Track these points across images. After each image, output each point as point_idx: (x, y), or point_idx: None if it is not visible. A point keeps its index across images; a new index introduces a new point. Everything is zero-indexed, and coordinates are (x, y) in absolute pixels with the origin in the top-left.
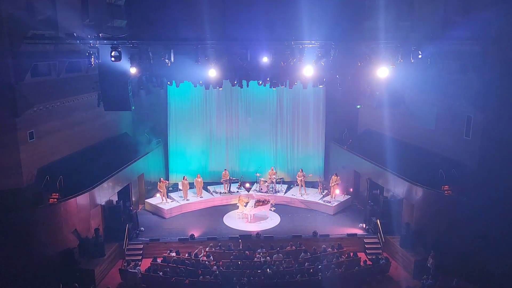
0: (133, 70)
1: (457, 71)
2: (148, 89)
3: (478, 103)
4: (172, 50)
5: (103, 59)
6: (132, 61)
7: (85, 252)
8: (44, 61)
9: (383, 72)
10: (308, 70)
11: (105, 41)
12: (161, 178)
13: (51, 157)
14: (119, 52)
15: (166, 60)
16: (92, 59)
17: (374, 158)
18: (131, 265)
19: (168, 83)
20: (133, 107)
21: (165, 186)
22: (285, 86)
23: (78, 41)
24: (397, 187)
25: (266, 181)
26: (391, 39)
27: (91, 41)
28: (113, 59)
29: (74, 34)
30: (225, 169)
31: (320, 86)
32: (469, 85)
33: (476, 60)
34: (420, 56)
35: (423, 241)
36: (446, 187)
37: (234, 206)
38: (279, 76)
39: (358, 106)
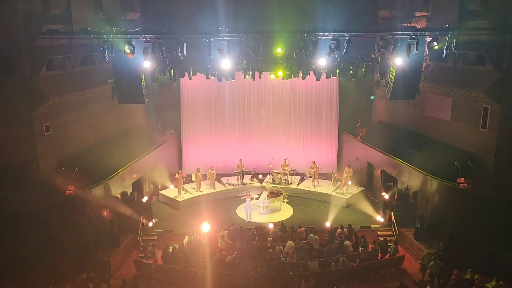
0: (146, 64)
1: (473, 61)
2: (161, 82)
3: (495, 94)
4: (184, 44)
5: (117, 52)
6: (145, 54)
7: (101, 243)
8: (59, 55)
9: (397, 62)
10: (321, 62)
11: (118, 35)
12: (180, 171)
13: (67, 149)
14: (133, 46)
15: (179, 54)
16: (106, 53)
17: (388, 150)
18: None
19: (181, 76)
20: (146, 100)
21: (182, 179)
22: (298, 78)
23: (92, 36)
24: (411, 179)
25: (279, 173)
26: (406, 30)
27: (104, 36)
28: (128, 51)
29: (88, 28)
30: (240, 160)
31: (333, 77)
32: (486, 75)
33: (494, 50)
34: (435, 48)
35: (438, 234)
36: (462, 179)
37: None
38: (292, 68)
39: (372, 97)
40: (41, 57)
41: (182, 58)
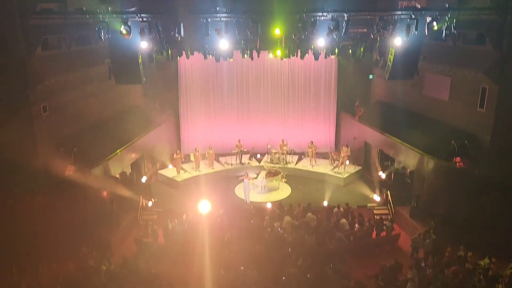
0: (143, 45)
1: (473, 41)
2: (159, 61)
3: (494, 74)
4: (181, 24)
5: (113, 33)
6: (142, 35)
7: (101, 223)
8: (54, 35)
9: (396, 42)
10: (320, 42)
11: (114, 15)
12: (178, 151)
13: (65, 130)
14: (129, 27)
15: (176, 35)
16: (102, 33)
17: (385, 129)
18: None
19: (179, 55)
20: (144, 79)
21: (180, 159)
22: (297, 57)
23: (87, 16)
24: (408, 159)
25: (277, 153)
26: (406, 9)
27: (100, 16)
28: (124, 32)
29: (83, 8)
30: (239, 139)
31: (332, 57)
32: (485, 55)
33: (494, 30)
34: (435, 28)
35: (433, 213)
36: (458, 159)
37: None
38: (290, 47)
39: (371, 76)
40: (36, 37)
41: (179, 38)
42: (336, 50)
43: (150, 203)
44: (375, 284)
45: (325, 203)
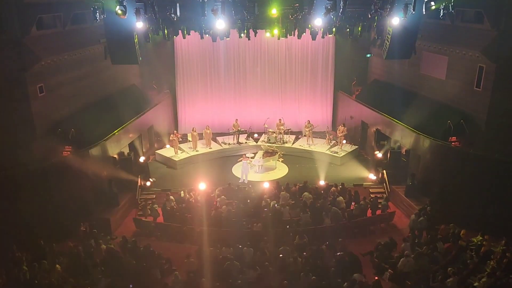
0: (139, 25)
1: (471, 19)
2: (155, 41)
3: (491, 53)
4: (177, 4)
5: (108, 13)
6: (138, 15)
7: (100, 203)
8: (48, 13)
9: (394, 21)
10: (317, 22)
11: None
12: (175, 131)
13: (62, 110)
14: (124, 7)
15: (172, 15)
16: (97, 13)
17: (382, 108)
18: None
19: (175, 35)
20: (140, 59)
21: (177, 139)
22: (294, 36)
23: None
24: (404, 138)
25: (274, 132)
26: None
27: None
28: (119, 12)
29: None
30: (236, 119)
31: (330, 36)
32: (483, 34)
33: (492, 8)
34: (433, 8)
35: (428, 191)
36: (454, 138)
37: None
38: (287, 27)
39: (368, 55)
40: (31, 16)
41: (175, 18)
42: (334, 30)
43: (148, 183)
44: (370, 261)
45: (322, 182)
